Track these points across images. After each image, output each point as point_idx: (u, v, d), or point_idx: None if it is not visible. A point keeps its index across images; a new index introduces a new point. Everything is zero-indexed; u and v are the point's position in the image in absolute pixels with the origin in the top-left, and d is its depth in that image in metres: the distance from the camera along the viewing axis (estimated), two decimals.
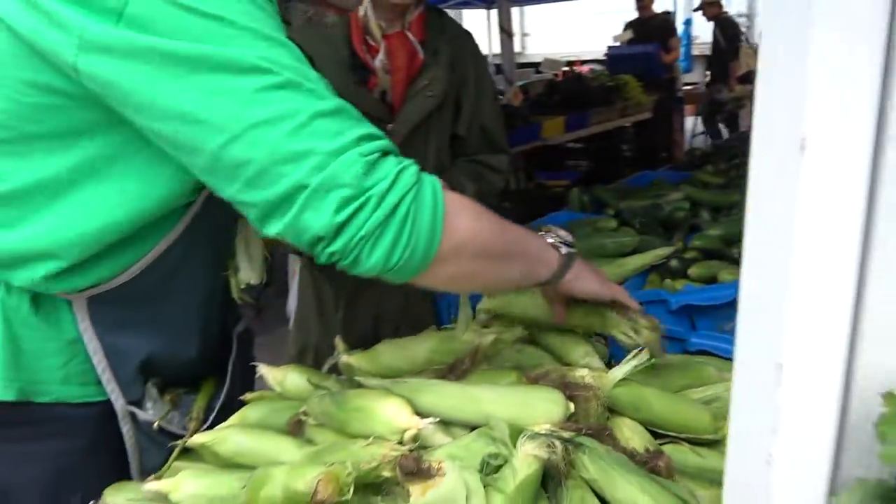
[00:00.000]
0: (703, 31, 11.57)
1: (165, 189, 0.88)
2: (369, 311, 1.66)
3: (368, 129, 0.71)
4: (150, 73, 0.69)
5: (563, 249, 0.91)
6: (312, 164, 0.66)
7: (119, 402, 1.04)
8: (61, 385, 1.00)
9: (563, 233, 0.94)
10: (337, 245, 0.69)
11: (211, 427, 1.10)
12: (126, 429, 1.06)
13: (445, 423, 0.88)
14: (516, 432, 0.82)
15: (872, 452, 0.32)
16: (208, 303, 1.12)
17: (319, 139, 0.67)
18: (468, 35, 1.64)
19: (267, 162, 0.67)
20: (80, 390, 1.02)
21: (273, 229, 0.71)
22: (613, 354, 1.08)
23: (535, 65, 10.93)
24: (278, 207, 0.69)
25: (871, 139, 0.31)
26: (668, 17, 7.14)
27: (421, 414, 0.86)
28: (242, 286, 1.13)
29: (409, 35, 1.51)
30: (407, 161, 0.73)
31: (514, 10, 6.53)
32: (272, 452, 0.96)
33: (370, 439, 0.82)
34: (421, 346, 1.08)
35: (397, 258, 0.70)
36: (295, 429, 0.98)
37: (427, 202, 0.71)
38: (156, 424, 1.07)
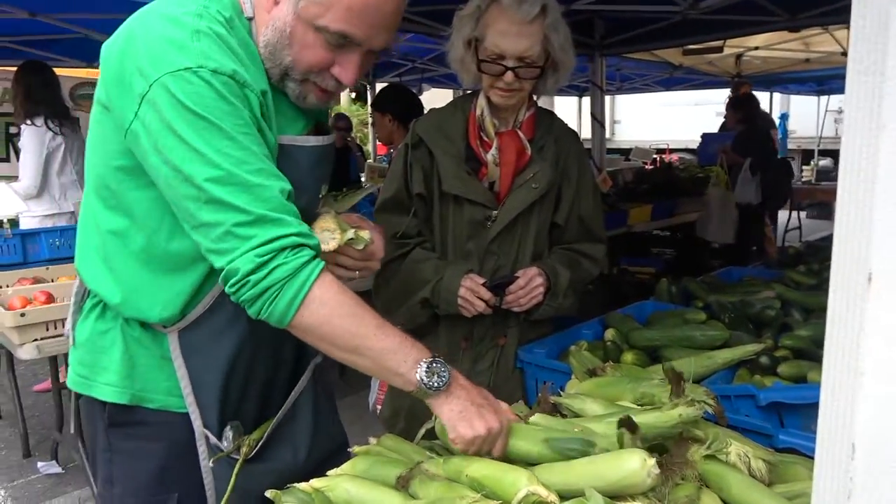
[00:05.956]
0: (800, 125, 11.46)
1: None
2: None
3: (277, 230, 0.99)
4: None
5: (427, 381, 1.03)
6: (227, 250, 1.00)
7: (197, 423, 1.20)
8: (165, 395, 1.21)
9: (440, 369, 1.04)
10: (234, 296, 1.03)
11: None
12: (202, 449, 1.22)
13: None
14: None
15: None
16: (280, 340, 1.27)
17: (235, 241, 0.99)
18: (574, 135, 1.79)
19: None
20: (178, 401, 1.21)
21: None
22: None
23: (624, 151, 11.06)
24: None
25: None
26: (764, 112, 7.15)
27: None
28: None
29: (520, 133, 1.67)
30: (292, 256, 0.99)
31: (606, 98, 6.74)
32: (378, 503, 1.07)
33: (477, 496, 0.92)
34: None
35: (264, 315, 1.02)
36: (403, 484, 1.09)
37: (289, 293, 1.00)
38: (210, 462, 1.22)
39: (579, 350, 1.63)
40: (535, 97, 1.72)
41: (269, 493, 1.16)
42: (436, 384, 1.03)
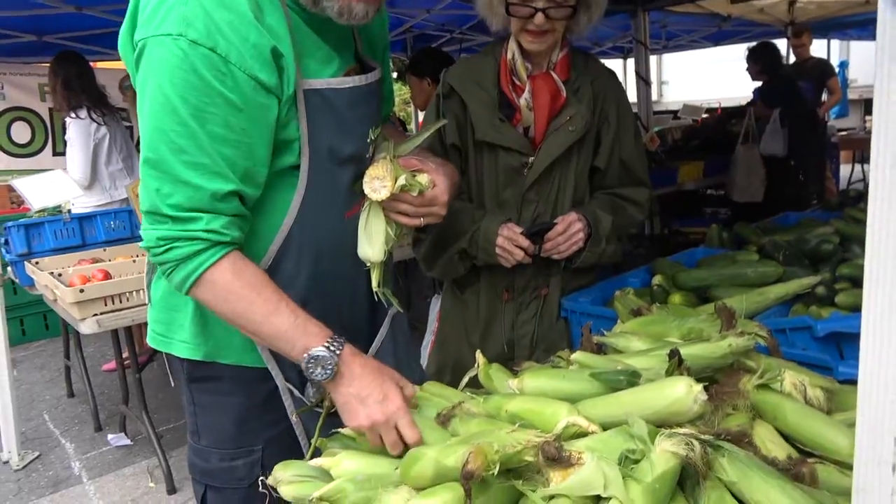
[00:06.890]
0: (861, 73, 10.85)
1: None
2: (503, 336, 1.74)
3: (182, 226, 1.01)
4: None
5: (309, 371, 1.04)
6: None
7: (279, 379, 1.20)
8: (241, 352, 1.20)
9: (325, 360, 1.03)
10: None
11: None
12: (287, 403, 1.22)
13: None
14: (654, 432, 0.86)
15: None
16: (351, 293, 1.27)
17: (158, 225, 1.04)
18: (611, 74, 1.72)
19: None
20: (253, 357, 1.20)
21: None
22: None
23: (672, 112, 10.69)
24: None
25: None
26: (824, 60, 6.78)
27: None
28: (366, 267, 1.23)
29: (554, 75, 1.61)
30: (187, 245, 1.02)
31: (652, 58, 6.50)
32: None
33: (515, 425, 0.90)
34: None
35: (167, 280, 1.08)
36: (444, 421, 1.08)
37: (183, 272, 1.04)
38: (293, 416, 1.21)
39: (625, 295, 1.58)
40: (568, 37, 1.66)
41: (314, 441, 1.17)
42: (318, 376, 1.04)
